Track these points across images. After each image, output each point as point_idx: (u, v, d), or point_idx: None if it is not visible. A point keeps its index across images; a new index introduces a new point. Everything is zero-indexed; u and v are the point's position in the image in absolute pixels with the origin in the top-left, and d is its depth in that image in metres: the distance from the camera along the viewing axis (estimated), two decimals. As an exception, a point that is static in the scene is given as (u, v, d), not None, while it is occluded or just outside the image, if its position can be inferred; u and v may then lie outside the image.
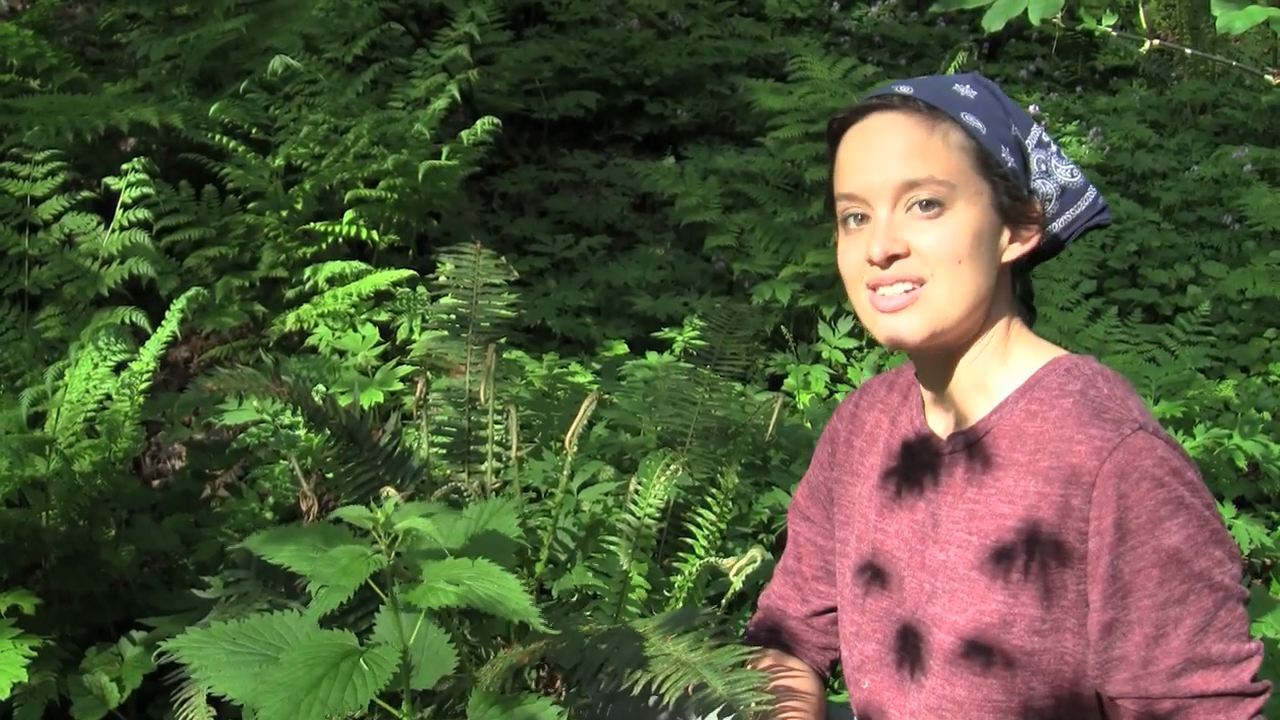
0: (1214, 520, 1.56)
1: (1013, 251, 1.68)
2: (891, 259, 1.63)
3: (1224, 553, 1.56)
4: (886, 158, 1.64)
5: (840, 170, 1.70)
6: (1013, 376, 1.68)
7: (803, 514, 1.98)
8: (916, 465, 1.76)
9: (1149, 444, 1.54)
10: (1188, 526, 1.53)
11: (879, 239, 1.63)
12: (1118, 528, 1.53)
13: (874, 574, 1.79)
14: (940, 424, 1.75)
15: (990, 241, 1.65)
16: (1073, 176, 1.71)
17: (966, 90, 1.68)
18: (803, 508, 1.98)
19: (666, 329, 4.08)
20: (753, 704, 1.74)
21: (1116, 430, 1.55)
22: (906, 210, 1.63)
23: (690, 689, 1.76)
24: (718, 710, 1.77)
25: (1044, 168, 1.70)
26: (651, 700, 1.81)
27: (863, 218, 1.67)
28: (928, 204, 1.62)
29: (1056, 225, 1.73)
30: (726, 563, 2.18)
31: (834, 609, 1.94)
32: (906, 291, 1.63)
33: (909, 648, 1.74)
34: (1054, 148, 1.72)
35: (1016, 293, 1.74)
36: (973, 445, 1.67)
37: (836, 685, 2.63)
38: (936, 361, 1.72)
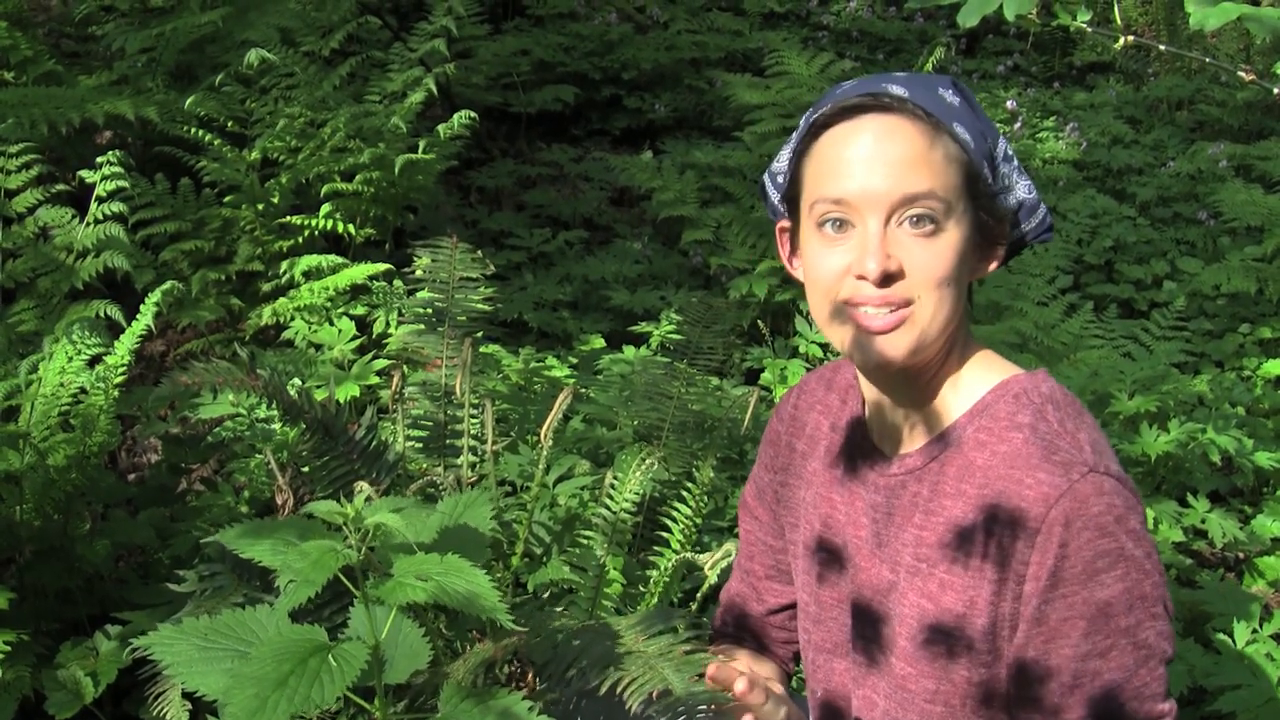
0: (1153, 572, 1.51)
1: (981, 270, 1.61)
2: (887, 278, 1.52)
3: (1158, 608, 1.51)
4: (886, 166, 1.51)
5: (822, 170, 1.56)
6: (962, 398, 1.62)
7: (751, 513, 1.96)
8: (859, 479, 1.71)
9: (1097, 488, 1.49)
10: (1125, 579, 1.49)
11: (874, 255, 1.51)
12: (1053, 575, 1.49)
13: (825, 580, 1.78)
14: (886, 439, 1.69)
15: (969, 262, 1.57)
16: (1029, 193, 1.62)
17: (951, 96, 1.57)
18: (751, 507, 1.96)
19: (643, 323, 4.08)
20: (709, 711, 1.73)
21: (1065, 475, 1.49)
22: (899, 225, 1.52)
23: (654, 694, 1.75)
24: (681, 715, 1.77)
25: (1007, 183, 1.60)
26: (623, 696, 1.81)
27: (842, 224, 1.55)
28: (920, 220, 1.51)
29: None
30: (702, 558, 2.19)
31: (791, 605, 1.93)
32: (893, 312, 1.53)
33: (861, 652, 1.73)
34: (1015, 162, 1.62)
35: (970, 308, 1.67)
36: (920, 470, 1.62)
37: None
38: (895, 381, 1.64)
